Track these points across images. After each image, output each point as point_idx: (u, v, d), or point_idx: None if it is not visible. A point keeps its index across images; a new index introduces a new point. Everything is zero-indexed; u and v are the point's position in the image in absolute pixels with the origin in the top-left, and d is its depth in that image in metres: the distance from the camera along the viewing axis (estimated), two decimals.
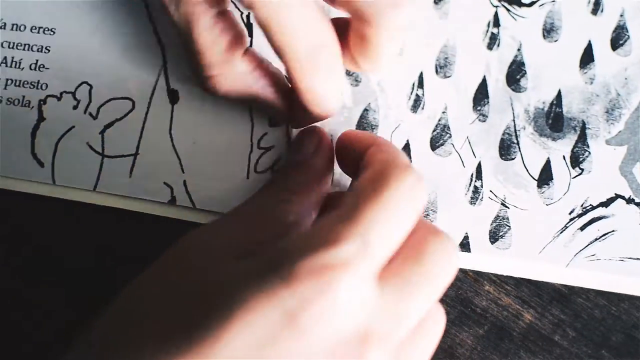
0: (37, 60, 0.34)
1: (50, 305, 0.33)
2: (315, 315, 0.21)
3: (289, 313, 0.21)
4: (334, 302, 0.21)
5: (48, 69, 0.34)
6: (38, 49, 0.34)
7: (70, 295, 0.33)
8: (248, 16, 0.34)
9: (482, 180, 0.33)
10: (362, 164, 0.27)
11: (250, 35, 0.34)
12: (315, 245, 0.22)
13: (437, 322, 0.26)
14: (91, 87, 0.34)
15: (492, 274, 0.33)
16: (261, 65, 0.30)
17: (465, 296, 0.33)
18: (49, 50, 0.34)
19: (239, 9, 0.34)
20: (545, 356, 0.33)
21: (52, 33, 0.34)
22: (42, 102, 0.34)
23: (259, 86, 0.30)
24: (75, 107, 0.34)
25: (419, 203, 0.25)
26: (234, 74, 0.29)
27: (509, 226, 0.33)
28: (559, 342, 0.33)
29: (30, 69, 0.34)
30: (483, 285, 0.33)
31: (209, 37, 0.27)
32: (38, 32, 0.34)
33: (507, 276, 0.33)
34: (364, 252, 0.22)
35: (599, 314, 0.33)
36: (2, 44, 0.34)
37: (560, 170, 0.33)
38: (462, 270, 0.33)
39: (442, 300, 0.33)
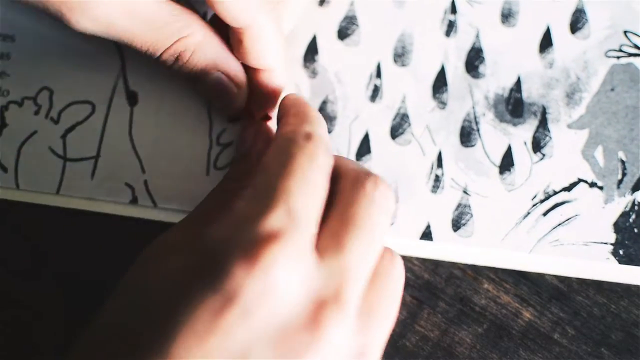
0: None
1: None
2: (255, 293, 0.21)
3: (229, 297, 0.21)
4: (272, 277, 0.21)
5: (9, 75, 0.34)
6: None
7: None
8: None
9: (442, 168, 0.33)
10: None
11: None
12: (242, 224, 0.22)
13: (393, 267, 0.26)
14: (52, 92, 0.34)
15: (489, 269, 0.33)
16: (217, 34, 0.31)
17: (464, 294, 0.33)
18: (9, 57, 0.35)
19: None
20: (544, 354, 0.33)
21: (12, 40, 0.35)
22: (4, 109, 0.34)
23: (222, 50, 0.30)
24: (36, 113, 0.34)
25: (323, 163, 0.25)
26: (202, 34, 0.29)
27: (471, 214, 0.33)
28: (558, 340, 0.33)
29: None
30: (482, 284, 0.33)
31: (162, 5, 0.28)
32: None
33: (506, 274, 0.33)
34: (291, 221, 0.22)
35: (598, 312, 0.33)
36: None
37: (522, 156, 0.33)
38: (460, 269, 0.33)
39: (441, 298, 0.33)
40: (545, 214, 0.33)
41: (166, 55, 0.29)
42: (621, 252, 0.32)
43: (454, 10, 0.34)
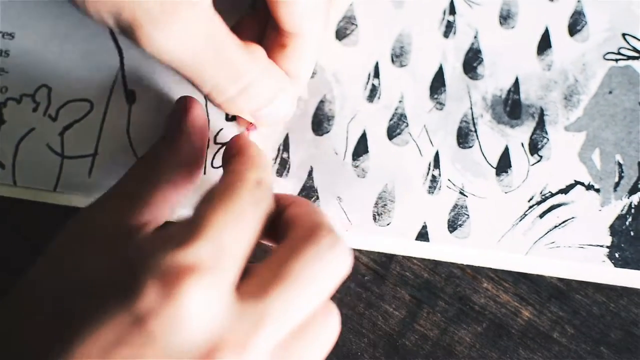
0: None
1: None
2: (164, 321, 0.21)
3: (138, 318, 0.21)
4: (183, 308, 0.21)
5: (8, 72, 0.35)
6: None
7: None
8: None
9: (440, 169, 0.33)
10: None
11: None
12: (165, 248, 0.22)
13: (324, 325, 0.25)
14: (50, 89, 0.34)
15: (488, 268, 0.33)
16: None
17: (464, 293, 0.33)
18: (8, 55, 0.35)
19: None
20: (543, 353, 0.33)
21: (11, 37, 0.35)
22: (2, 105, 0.34)
23: (281, 75, 0.30)
24: (34, 110, 0.34)
25: (264, 211, 0.25)
26: (266, 71, 0.29)
27: (468, 215, 0.33)
28: (557, 339, 0.33)
29: None
30: (481, 283, 0.33)
31: (232, 38, 0.27)
32: None
33: (505, 273, 0.33)
34: (216, 256, 0.22)
35: (597, 311, 0.33)
36: None
37: (519, 158, 0.33)
38: (460, 268, 0.33)
39: (440, 297, 0.33)
40: (541, 216, 0.33)
41: (239, 99, 0.28)
42: (617, 255, 0.32)
43: (452, 11, 0.34)
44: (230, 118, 0.34)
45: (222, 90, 0.27)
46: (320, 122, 0.34)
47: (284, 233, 0.25)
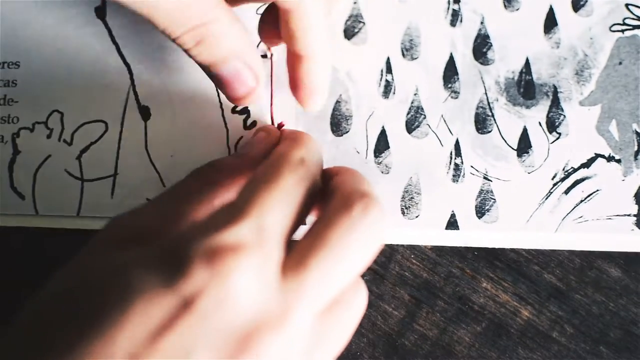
0: (5, 95, 0.34)
1: None
2: (213, 300, 0.21)
3: (186, 299, 0.21)
4: (231, 287, 0.21)
5: (17, 102, 0.34)
6: (4, 83, 0.34)
7: None
8: None
9: (461, 156, 0.33)
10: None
11: None
12: (209, 230, 0.22)
13: (354, 298, 0.25)
14: (62, 114, 0.34)
15: (487, 267, 0.33)
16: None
17: (463, 293, 0.33)
18: (15, 84, 0.34)
19: None
20: (543, 353, 0.33)
21: (16, 67, 0.34)
22: (15, 136, 0.34)
23: (246, 40, 0.29)
24: (49, 136, 0.34)
25: (308, 188, 0.25)
26: (221, 20, 0.28)
27: (494, 199, 0.33)
28: (557, 338, 0.33)
29: (0, 104, 0.34)
30: (480, 282, 0.33)
31: None
32: (2, 67, 0.34)
33: (505, 273, 0.33)
34: (259, 235, 0.22)
35: (596, 310, 0.33)
36: None
37: (538, 137, 0.33)
38: (459, 268, 0.34)
39: (440, 297, 0.33)
40: (566, 192, 0.33)
41: (186, 37, 0.28)
42: None
43: None
44: (249, 126, 0.34)
45: (173, 29, 0.28)
46: (338, 123, 0.34)
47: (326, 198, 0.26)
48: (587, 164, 0.33)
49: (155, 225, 0.25)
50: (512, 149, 0.33)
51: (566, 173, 0.33)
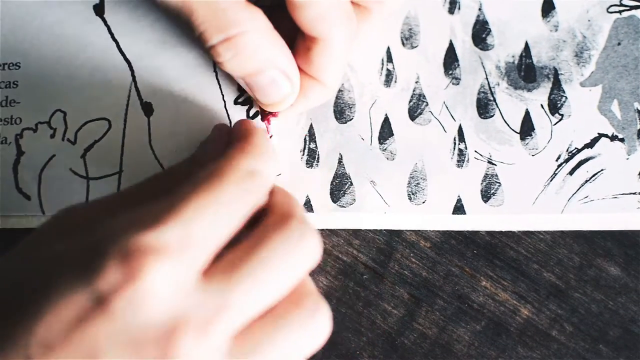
0: (7, 97, 0.34)
1: None
2: (124, 300, 0.21)
3: (99, 297, 0.21)
4: (144, 288, 0.21)
5: (19, 103, 0.34)
6: (6, 85, 0.34)
7: None
8: None
9: (465, 142, 0.34)
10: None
11: None
12: (132, 229, 0.22)
13: (303, 321, 0.24)
14: (65, 113, 0.34)
15: (487, 266, 0.33)
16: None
17: (462, 292, 0.33)
18: (17, 85, 0.34)
19: None
20: (542, 351, 0.33)
21: (17, 67, 0.34)
22: (18, 137, 0.34)
23: (281, 48, 0.29)
24: (52, 136, 0.34)
25: (249, 204, 0.24)
26: (259, 30, 0.28)
27: (499, 182, 0.33)
28: (556, 337, 0.33)
29: (2, 105, 0.34)
30: (480, 281, 0.33)
31: None
32: (3, 69, 0.34)
33: (504, 272, 0.33)
34: (185, 242, 0.22)
35: (596, 309, 0.33)
36: None
37: (541, 119, 0.34)
38: (458, 266, 0.34)
39: (439, 296, 0.33)
40: (571, 173, 0.33)
41: (222, 48, 0.28)
42: None
43: None
44: (252, 116, 0.34)
45: (208, 36, 0.28)
46: (342, 111, 0.34)
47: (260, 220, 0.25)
48: (590, 144, 0.33)
49: (94, 217, 0.25)
50: (515, 132, 0.34)
51: (570, 154, 0.33)
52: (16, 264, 0.24)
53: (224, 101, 0.34)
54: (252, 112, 0.34)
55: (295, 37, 0.30)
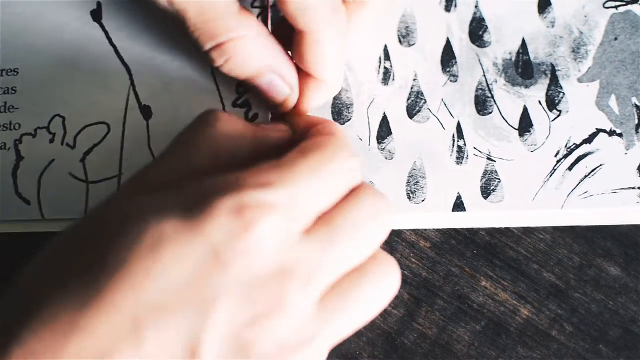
0: (5, 102, 0.34)
1: None
2: (237, 250, 0.22)
3: (214, 249, 0.21)
4: (257, 240, 0.22)
5: (17, 108, 0.34)
6: (4, 90, 0.34)
7: None
8: None
9: (464, 138, 0.34)
10: (313, 130, 0.28)
11: None
12: (243, 185, 0.23)
13: (377, 271, 0.26)
14: (63, 118, 0.34)
15: (486, 266, 0.33)
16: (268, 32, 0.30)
17: (462, 292, 0.33)
18: (15, 91, 0.34)
19: None
20: (542, 351, 0.33)
21: (15, 73, 0.34)
22: (17, 142, 0.34)
23: (276, 52, 0.30)
24: (51, 141, 0.34)
25: (351, 177, 0.26)
26: (252, 36, 0.29)
27: (499, 179, 0.33)
28: (556, 337, 0.33)
29: (0, 111, 0.34)
30: (479, 281, 0.33)
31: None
32: (1, 75, 0.34)
33: (504, 272, 0.33)
34: (292, 203, 0.23)
35: (596, 309, 0.33)
36: None
37: (539, 115, 0.34)
38: (458, 266, 0.34)
39: (439, 296, 0.33)
40: (570, 169, 0.33)
41: (215, 54, 0.29)
42: None
43: None
44: (250, 118, 0.34)
45: (202, 42, 0.29)
46: (339, 111, 0.34)
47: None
48: (588, 140, 0.33)
49: (184, 175, 0.25)
50: (514, 128, 0.34)
51: (569, 149, 0.33)
52: (108, 220, 0.23)
53: (222, 103, 0.34)
54: (250, 114, 0.34)
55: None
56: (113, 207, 0.24)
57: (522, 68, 0.34)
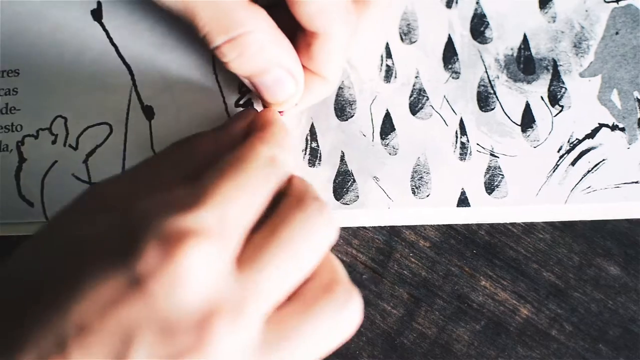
0: (7, 104, 0.34)
1: None
2: (162, 282, 0.21)
3: (137, 278, 0.21)
4: (182, 270, 0.21)
5: (19, 110, 0.34)
6: (5, 92, 0.34)
7: None
8: None
9: (467, 135, 0.34)
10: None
11: None
12: (171, 210, 0.22)
13: (334, 307, 0.24)
14: (66, 119, 0.34)
15: (486, 266, 0.34)
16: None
17: (462, 292, 0.33)
18: (16, 92, 0.34)
19: None
20: (542, 351, 0.33)
21: (16, 74, 0.34)
22: (19, 144, 0.33)
23: (285, 47, 0.29)
24: (54, 142, 0.33)
25: (271, 187, 0.25)
26: (263, 30, 0.28)
27: (502, 175, 0.33)
28: (556, 336, 0.33)
29: (2, 113, 0.34)
30: (479, 281, 0.33)
31: None
32: (2, 76, 0.34)
33: (504, 271, 0.33)
34: (220, 225, 0.22)
35: (595, 308, 0.33)
36: None
37: (541, 111, 0.34)
38: (458, 266, 0.34)
39: (438, 296, 0.33)
40: (573, 164, 0.33)
41: (227, 49, 0.28)
42: None
43: None
44: None
45: (212, 37, 0.28)
46: (342, 108, 0.34)
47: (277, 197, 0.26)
48: (591, 135, 0.33)
49: (125, 196, 0.25)
50: (517, 124, 0.34)
51: (571, 145, 0.33)
52: (46, 245, 0.24)
53: (225, 103, 0.34)
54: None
55: (296, 34, 0.30)
56: (54, 229, 0.24)
57: (524, 64, 0.34)
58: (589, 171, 0.33)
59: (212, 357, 0.21)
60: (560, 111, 0.34)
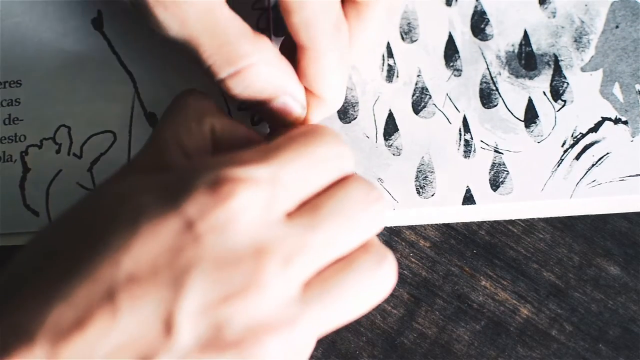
0: (9, 115, 0.34)
1: None
2: (211, 223, 0.21)
3: (187, 221, 0.21)
4: (231, 212, 0.22)
5: (22, 120, 0.34)
6: (8, 102, 0.34)
7: None
8: None
9: (470, 132, 0.34)
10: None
11: None
12: (224, 163, 0.23)
13: (373, 264, 0.25)
14: (69, 128, 0.34)
15: (486, 266, 0.34)
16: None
17: (462, 292, 0.33)
18: (19, 103, 0.34)
19: None
20: (542, 351, 0.33)
21: (18, 85, 0.34)
22: (23, 154, 0.33)
23: (289, 74, 0.29)
24: (58, 151, 0.34)
25: (341, 164, 0.26)
26: (268, 61, 0.28)
27: (507, 171, 0.33)
28: (556, 336, 0.33)
29: (5, 124, 0.34)
30: (479, 281, 0.33)
31: (235, 22, 0.27)
32: (4, 87, 0.34)
33: (504, 271, 0.33)
34: (274, 181, 0.23)
35: (595, 308, 0.33)
36: None
37: (544, 106, 0.34)
38: (458, 266, 0.34)
39: (439, 296, 0.33)
40: (577, 158, 0.33)
41: (232, 82, 0.28)
42: None
43: None
44: (256, 122, 0.34)
45: (216, 70, 0.28)
46: (345, 110, 0.34)
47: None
48: (594, 128, 0.33)
49: (179, 158, 0.25)
50: (520, 120, 0.34)
51: (575, 139, 0.33)
52: (98, 197, 0.24)
53: (228, 107, 0.34)
54: (256, 118, 0.34)
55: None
56: (103, 189, 0.25)
57: (525, 60, 0.34)
58: (593, 165, 0.33)
59: (262, 295, 0.22)
60: (563, 106, 0.34)
